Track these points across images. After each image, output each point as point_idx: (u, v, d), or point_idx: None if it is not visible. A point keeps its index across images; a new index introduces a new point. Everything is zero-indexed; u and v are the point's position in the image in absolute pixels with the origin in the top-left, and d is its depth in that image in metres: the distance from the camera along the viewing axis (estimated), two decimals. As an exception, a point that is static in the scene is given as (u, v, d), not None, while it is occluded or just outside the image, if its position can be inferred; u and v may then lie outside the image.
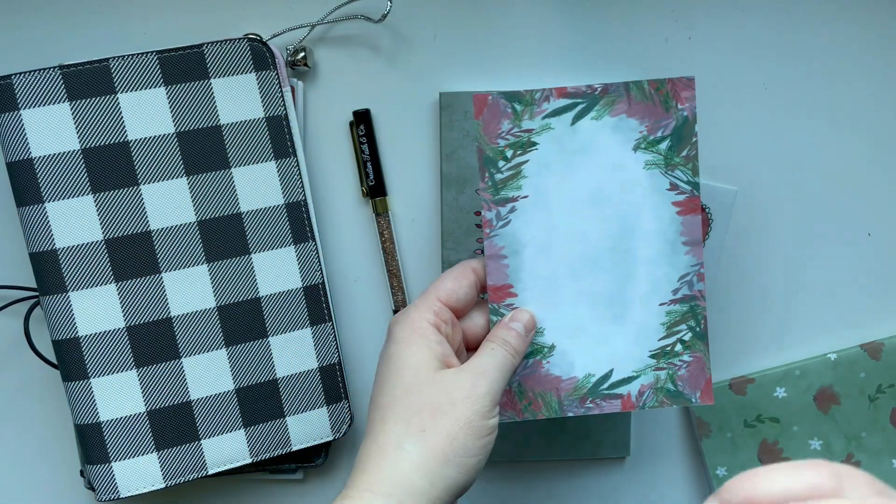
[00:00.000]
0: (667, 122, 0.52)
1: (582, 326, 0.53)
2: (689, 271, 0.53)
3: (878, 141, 0.63)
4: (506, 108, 0.52)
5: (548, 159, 0.52)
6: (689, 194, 0.53)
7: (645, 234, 0.53)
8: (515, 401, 0.53)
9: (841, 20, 0.62)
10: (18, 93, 0.55)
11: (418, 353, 0.49)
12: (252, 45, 0.57)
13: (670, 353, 0.53)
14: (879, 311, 0.64)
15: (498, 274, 0.52)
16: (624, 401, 0.53)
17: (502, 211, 0.52)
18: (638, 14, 0.62)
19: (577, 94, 0.52)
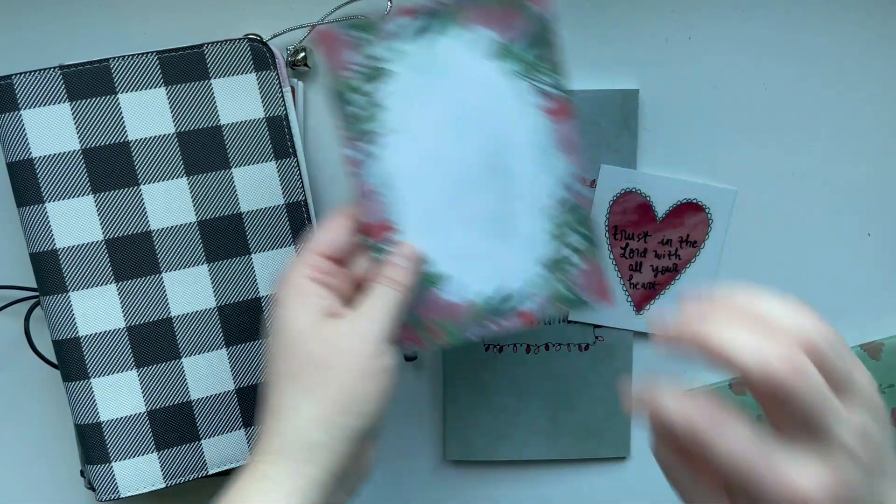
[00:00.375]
0: (524, 27, 0.49)
1: (470, 250, 0.51)
2: (569, 177, 0.50)
3: (878, 141, 0.63)
4: (350, 39, 0.48)
5: (405, 86, 0.49)
6: (559, 98, 0.50)
7: (519, 146, 0.50)
8: (414, 333, 0.51)
9: (841, 20, 0.62)
10: (19, 93, 0.55)
11: (299, 311, 0.48)
12: (252, 46, 0.57)
13: (563, 262, 0.51)
14: (879, 311, 0.64)
15: (374, 211, 0.50)
16: (523, 315, 0.52)
17: (367, 146, 0.49)
18: (638, 14, 0.62)
19: (424, 12, 0.49)
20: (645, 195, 0.62)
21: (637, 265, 0.63)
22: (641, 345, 0.64)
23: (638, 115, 0.62)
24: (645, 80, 0.62)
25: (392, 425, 0.65)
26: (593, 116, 0.61)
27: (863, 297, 0.64)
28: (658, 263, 0.63)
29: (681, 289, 0.63)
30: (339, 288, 0.50)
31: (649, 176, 0.62)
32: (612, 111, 0.61)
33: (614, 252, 0.63)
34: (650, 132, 0.62)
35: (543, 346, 0.63)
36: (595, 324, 0.63)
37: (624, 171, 0.62)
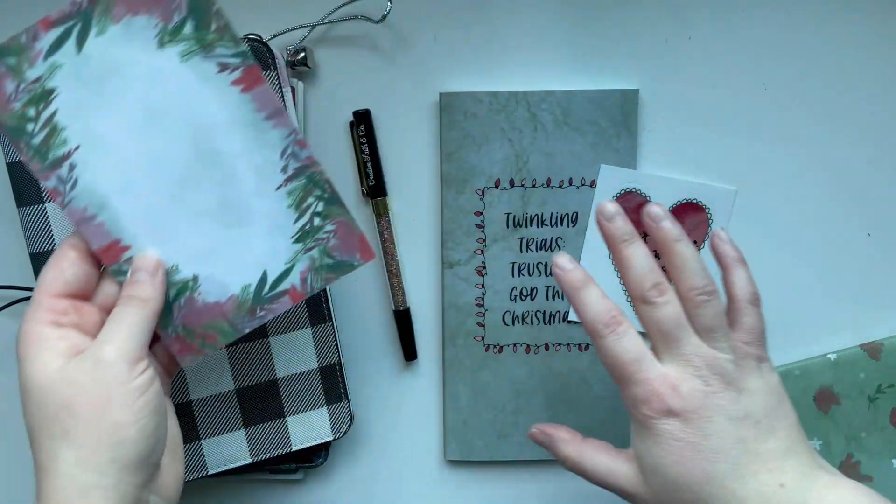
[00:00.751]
0: (177, 3, 0.45)
1: (212, 245, 0.48)
2: (286, 144, 0.48)
3: (878, 141, 0.63)
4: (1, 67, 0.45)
5: (76, 99, 0.46)
6: (243, 66, 0.46)
7: (221, 127, 0.47)
8: (188, 343, 0.50)
9: (841, 20, 0.62)
10: (18, 93, 0.55)
11: (38, 362, 0.45)
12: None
13: (311, 230, 0.49)
14: (879, 311, 0.64)
15: (98, 235, 0.47)
16: (291, 294, 0.50)
17: (62, 173, 0.46)
18: (638, 14, 0.62)
19: (65, 18, 0.45)
20: (645, 195, 0.62)
21: (637, 265, 0.63)
22: (641, 345, 0.64)
23: (638, 115, 0.62)
24: (645, 80, 0.62)
25: (392, 425, 0.65)
26: (593, 116, 0.61)
27: (863, 297, 0.64)
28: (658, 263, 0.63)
29: (681, 289, 0.63)
30: (84, 324, 0.48)
31: (649, 176, 0.62)
32: (612, 111, 0.61)
33: (614, 252, 0.63)
34: (650, 132, 0.62)
35: (543, 346, 0.63)
36: (595, 324, 0.63)
37: (624, 171, 0.62)
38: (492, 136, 0.61)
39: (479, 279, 0.63)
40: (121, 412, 0.45)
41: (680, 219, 0.63)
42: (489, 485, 0.65)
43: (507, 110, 0.61)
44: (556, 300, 0.63)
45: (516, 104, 0.61)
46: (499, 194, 0.62)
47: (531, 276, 0.63)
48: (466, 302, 0.63)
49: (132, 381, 0.45)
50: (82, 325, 0.48)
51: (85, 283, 0.48)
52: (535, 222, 0.62)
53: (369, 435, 0.65)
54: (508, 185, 0.62)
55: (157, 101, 0.47)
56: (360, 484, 0.65)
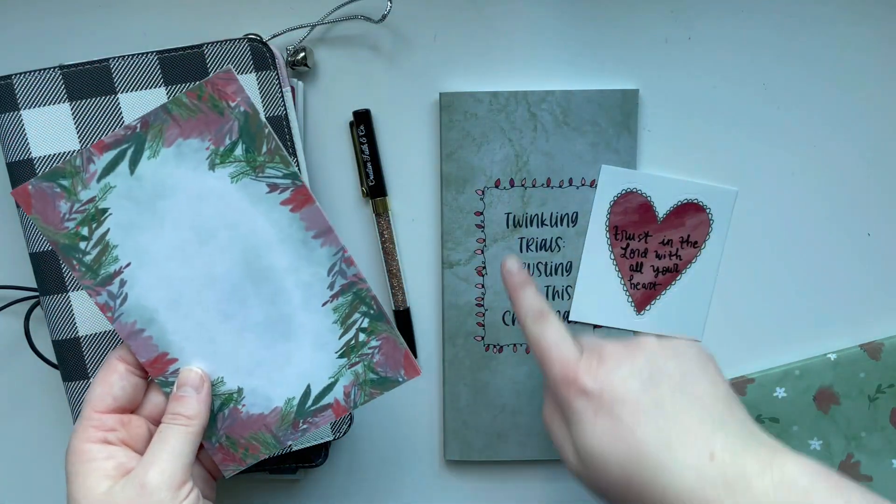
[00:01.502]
0: (229, 126, 0.47)
1: (258, 359, 0.50)
2: (333, 261, 0.49)
3: (878, 141, 0.63)
4: (53, 189, 0.47)
5: (128, 219, 0.47)
6: (293, 187, 0.48)
7: (271, 246, 0.49)
8: (231, 453, 0.51)
9: (841, 20, 0.62)
10: (18, 93, 0.55)
11: (86, 483, 0.46)
12: (252, 46, 0.57)
13: (356, 346, 0.50)
14: (879, 311, 0.64)
15: (146, 349, 0.49)
16: (334, 408, 0.51)
17: (112, 289, 0.48)
18: (638, 14, 0.62)
19: (119, 141, 0.47)
20: (645, 195, 0.62)
21: (638, 265, 0.63)
22: (641, 345, 0.64)
23: (638, 115, 0.62)
24: (645, 80, 0.62)
25: (392, 425, 0.65)
26: (593, 116, 0.61)
27: (863, 297, 0.64)
28: (659, 264, 0.63)
29: (682, 289, 0.63)
30: (132, 438, 0.48)
31: (650, 176, 0.62)
32: (612, 111, 0.61)
33: (615, 252, 0.63)
34: (650, 132, 0.62)
35: (543, 346, 0.63)
36: (595, 324, 0.63)
37: (624, 171, 0.62)
38: (492, 136, 0.61)
39: (479, 279, 0.63)
40: None
41: (680, 219, 0.63)
42: (489, 485, 0.65)
43: (507, 110, 0.61)
44: (556, 300, 0.63)
45: (516, 104, 0.61)
46: (499, 194, 0.62)
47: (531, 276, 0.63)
48: (466, 302, 0.63)
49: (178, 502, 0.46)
50: (130, 440, 0.48)
51: (132, 396, 0.49)
52: (535, 222, 0.62)
53: (369, 435, 0.65)
54: (508, 185, 0.62)
55: (208, 219, 0.48)
56: (360, 484, 0.65)
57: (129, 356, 0.49)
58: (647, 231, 0.63)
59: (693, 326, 0.64)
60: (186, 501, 0.46)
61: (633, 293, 0.63)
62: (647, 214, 0.62)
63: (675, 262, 0.63)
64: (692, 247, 0.63)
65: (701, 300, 0.64)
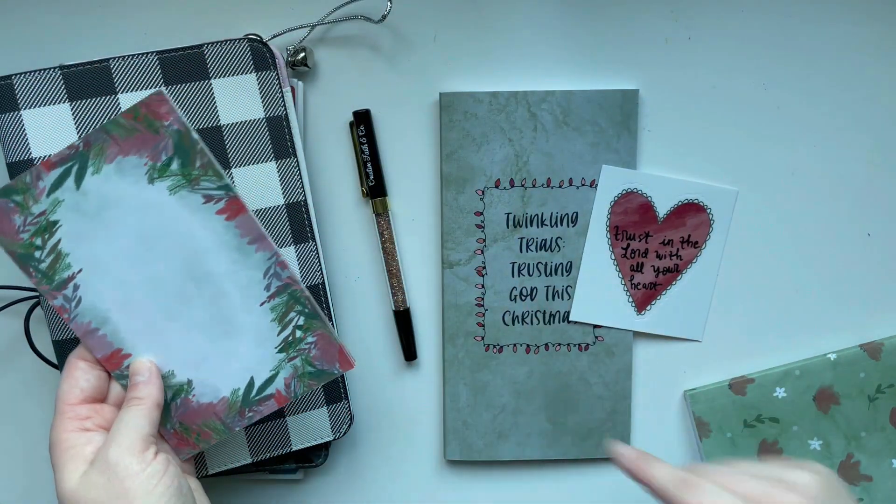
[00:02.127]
0: (164, 143, 0.51)
1: (205, 354, 0.54)
2: (268, 265, 0.53)
3: (878, 141, 0.63)
4: (7, 204, 0.51)
5: (77, 229, 0.51)
6: (226, 198, 0.52)
7: (208, 252, 0.53)
8: (185, 438, 0.55)
9: (841, 20, 0.62)
10: (18, 93, 0.55)
11: (67, 469, 0.50)
12: (252, 46, 0.57)
13: (293, 341, 0.54)
14: (879, 311, 0.64)
15: (100, 345, 0.53)
16: (276, 398, 0.55)
17: (67, 293, 0.52)
18: (638, 14, 0.62)
19: (65, 159, 0.51)
20: (646, 195, 0.62)
21: (638, 265, 0.63)
22: (642, 345, 0.64)
23: (638, 115, 0.62)
24: (645, 80, 0.62)
25: (392, 425, 0.65)
26: (593, 116, 0.61)
27: (863, 297, 0.64)
28: (659, 264, 0.63)
29: (682, 289, 0.63)
30: (107, 423, 0.52)
31: (650, 176, 0.62)
32: (612, 111, 0.61)
33: (615, 252, 0.63)
34: (650, 132, 0.62)
35: (543, 346, 0.63)
36: (595, 324, 0.63)
37: (625, 171, 0.62)
38: (492, 136, 0.61)
39: (479, 279, 0.63)
40: (144, 501, 0.49)
41: (681, 219, 0.63)
42: (489, 485, 0.65)
43: (507, 110, 0.61)
44: (556, 300, 0.63)
45: (516, 104, 0.61)
46: (499, 194, 0.62)
47: (531, 276, 0.63)
48: (466, 302, 0.63)
49: (145, 470, 0.49)
50: (105, 424, 0.52)
51: (98, 386, 0.53)
52: (535, 222, 0.62)
53: (369, 435, 0.65)
54: (508, 185, 0.62)
55: (151, 228, 0.52)
56: (360, 484, 0.65)
57: (88, 353, 0.53)
58: (648, 231, 0.63)
59: (693, 326, 0.64)
60: (155, 463, 0.50)
61: (634, 293, 0.63)
62: (648, 214, 0.62)
63: (675, 262, 0.63)
64: (693, 247, 0.63)
65: (701, 300, 0.64)
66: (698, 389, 0.64)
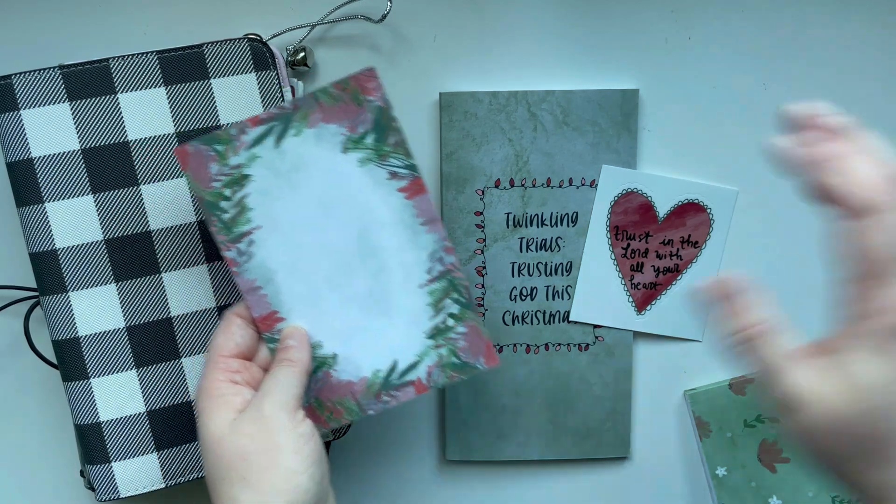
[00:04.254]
0: (364, 117, 0.52)
1: (355, 329, 0.54)
2: (435, 248, 0.53)
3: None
4: (208, 152, 0.52)
5: (266, 186, 0.53)
6: (410, 177, 0.53)
7: (383, 226, 0.53)
8: (317, 414, 0.54)
9: (841, 20, 0.62)
10: (18, 93, 0.55)
11: (216, 416, 0.50)
12: (252, 45, 0.57)
13: (444, 329, 0.54)
14: (879, 312, 0.64)
15: (259, 305, 0.53)
16: (416, 385, 0.54)
17: (241, 246, 0.53)
18: (638, 14, 0.62)
19: (271, 118, 0.52)
20: (646, 195, 0.62)
21: (638, 265, 0.63)
22: (642, 345, 0.64)
23: (638, 115, 0.62)
24: (645, 80, 0.62)
25: (392, 426, 0.65)
26: (593, 116, 0.61)
27: (863, 298, 0.64)
28: (659, 264, 0.63)
29: (682, 289, 0.63)
30: (254, 380, 0.53)
31: (650, 176, 0.62)
32: (612, 111, 0.61)
33: (615, 252, 0.63)
34: (650, 132, 0.62)
35: (543, 346, 0.63)
36: (595, 324, 0.63)
37: (625, 171, 0.62)
38: (492, 136, 0.61)
39: (479, 279, 0.63)
40: (292, 458, 0.49)
41: (681, 219, 0.63)
42: (489, 485, 0.65)
43: (507, 110, 0.61)
44: (556, 300, 0.63)
45: (516, 104, 0.61)
46: (499, 194, 0.62)
47: (531, 276, 0.63)
48: (466, 302, 0.63)
49: (296, 429, 0.50)
50: (252, 381, 0.53)
51: (250, 344, 0.54)
52: (535, 222, 0.62)
53: (369, 435, 0.65)
54: (508, 185, 0.62)
55: (333, 196, 0.53)
56: (359, 484, 0.65)
57: (245, 312, 0.54)
58: (648, 231, 0.63)
59: (693, 326, 0.64)
60: (304, 426, 0.50)
61: (634, 293, 0.63)
62: (648, 214, 0.62)
63: (675, 262, 0.63)
64: (693, 247, 0.63)
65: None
66: (698, 389, 0.64)
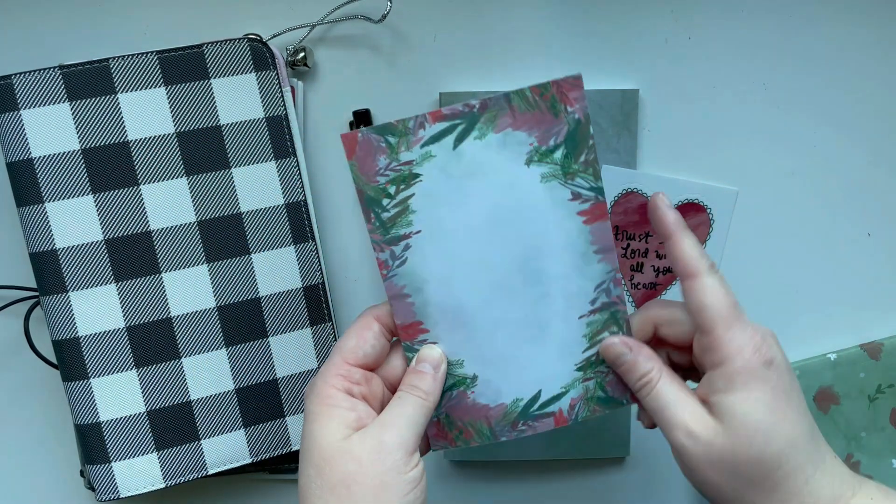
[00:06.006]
0: (558, 129, 0.47)
1: (502, 353, 0.50)
2: (604, 279, 0.50)
3: (878, 141, 0.63)
4: (379, 142, 0.47)
5: (435, 189, 0.48)
6: (594, 201, 0.48)
7: (553, 250, 0.49)
8: (446, 431, 0.51)
9: (841, 20, 0.62)
10: (18, 93, 0.55)
11: (327, 426, 0.47)
12: (252, 45, 0.57)
13: (596, 362, 0.51)
14: (879, 311, 0.64)
15: (404, 312, 0.50)
16: (556, 417, 0.51)
17: (396, 250, 0.49)
18: (638, 14, 0.62)
19: (455, 115, 0.47)
20: (646, 195, 0.62)
21: (638, 265, 0.63)
22: (641, 345, 0.64)
23: (638, 115, 0.62)
24: (645, 80, 0.62)
25: (392, 425, 0.65)
26: (593, 116, 0.61)
27: (863, 297, 0.64)
28: (659, 264, 0.63)
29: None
30: (370, 395, 0.49)
31: (650, 176, 0.62)
32: (612, 111, 0.61)
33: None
34: (650, 132, 0.62)
35: (544, 346, 0.63)
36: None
37: (625, 171, 0.62)
38: (492, 136, 0.61)
39: (479, 279, 0.62)
40: (390, 498, 0.46)
41: (680, 219, 0.63)
42: (489, 485, 0.65)
43: (507, 110, 0.61)
44: (556, 300, 0.63)
45: (516, 104, 0.61)
46: (499, 194, 0.62)
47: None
48: (466, 302, 0.62)
49: (408, 472, 0.47)
50: (370, 397, 0.49)
51: (380, 355, 0.50)
52: (536, 222, 0.62)
53: (369, 435, 0.65)
54: (508, 185, 0.62)
55: (506, 210, 0.48)
56: (360, 484, 0.65)
57: (385, 317, 0.50)
58: (648, 231, 0.63)
59: (693, 326, 0.64)
60: (416, 470, 0.47)
61: (634, 293, 0.63)
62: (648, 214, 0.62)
63: (675, 262, 0.63)
64: (692, 247, 0.63)
65: (701, 300, 0.64)
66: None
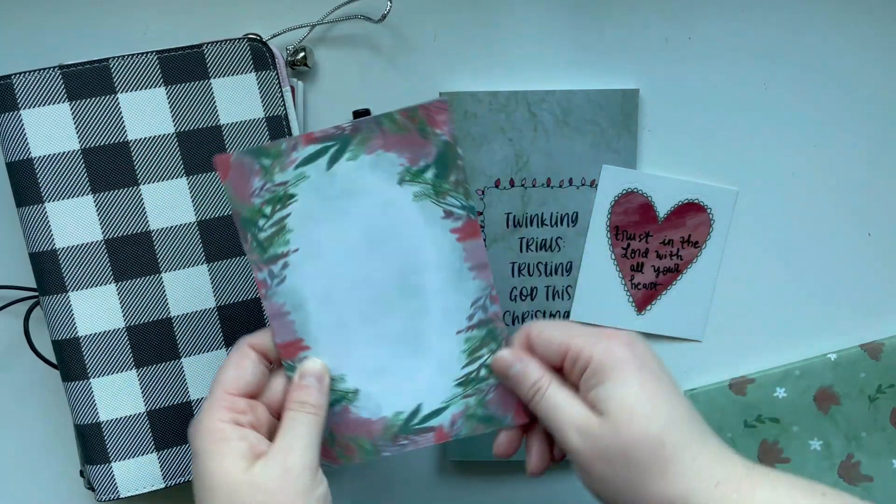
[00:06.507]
0: (428, 151, 0.49)
1: (382, 367, 0.51)
2: (480, 295, 0.51)
3: (878, 141, 0.63)
4: (253, 165, 0.49)
5: (311, 209, 0.50)
6: (466, 219, 0.50)
7: (428, 267, 0.51)
8: (328, 448, 0.52)
9: (841, 20, 0.62)
10: (18, 93, 0.55)
11: (224, 462, 0.46)
12: (252, 45, 0.57)
13: (475, 379, 0.51)
14: (879, 311, 0.64)
15: (285, 331, 0.50)
16: (437, 433, 0.52)
17: (274, 269, 0.50)
18: (638, 14, 0.62)
19: (327, 138, 0.49)
20: (646, 195, 0.62)
21: (638, 265, 0.63)
22: (642, 345, 0.64)
23: (638, 115, 0.62)
24: (645, 80, 0.62)
25: (392, 425, 0.65)
26: (593, 116, 0.61)
27: (863, 297, 0.64)
28: (659, 264, 0.63)
29: (682, 289, 0.63)
30: (258, 422, 0.49)
31: (650, 176, 0.62)
32: (612, 111, 0.61)
33: (616, 252, 0.63)
34: (650, 132, 0.62)
35: (543, 346, 0.63)
36: (595, 324, 0.63)
37: (625, 171, 0.62)
38: (492, 136, 0.61)
39: (479, 279, 0.62)
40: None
41: (681, 219, 0.63)
42: (490, 485, 0.65)
43: (507, 110, 0.61)
44: (556, 300, 0.63)
45: (516, 104, 0.61)
46: (499, 194, 0.62)
47: (531, 276, 0.63)
48: (466, 302, 0.62)
49: (315, 491, 0.47)
50: (257, 424, 0.49)
51: (260, 382, 0.50)
52: (535, 222, 0.62)
53: (369, 435, 0.65)
54: (508, 185, 0.62)
55: (381, 228, 0.50)
56: (360, 484, 0.65)
57: (262, 344, 0.50)
58: (648, 231, 0.63)
59: (693, 326, 0.64)
60: (322, 487, 0.47)
61: (634, 293, 0.63)
62: (648, 214, 0.62)
63: (675, 262, 0.63)
64: (693, 247, 0.63)
65: (701, 300, 0.64)
66: (698, 389, 0.64)
